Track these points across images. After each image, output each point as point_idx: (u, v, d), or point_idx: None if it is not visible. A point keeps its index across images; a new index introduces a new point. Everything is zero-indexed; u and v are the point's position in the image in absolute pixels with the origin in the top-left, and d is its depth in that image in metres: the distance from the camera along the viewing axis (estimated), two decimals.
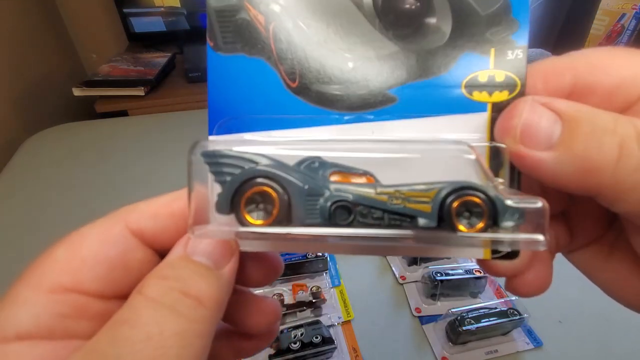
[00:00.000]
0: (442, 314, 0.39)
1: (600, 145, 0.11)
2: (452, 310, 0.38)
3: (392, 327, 0.39)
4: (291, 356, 0.35)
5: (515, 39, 0.13)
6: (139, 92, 0.96)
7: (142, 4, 1.17)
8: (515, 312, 0.37)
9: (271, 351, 0.35)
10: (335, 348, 0.36)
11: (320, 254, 0.43)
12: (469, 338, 0.37)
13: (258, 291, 0.42)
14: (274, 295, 0.40)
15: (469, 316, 0.37)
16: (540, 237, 0.12)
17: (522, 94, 0.13)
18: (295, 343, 0.35)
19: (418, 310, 0.41)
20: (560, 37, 1.95)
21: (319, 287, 0.41)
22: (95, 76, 0.97)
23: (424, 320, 0.40)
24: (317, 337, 0.36)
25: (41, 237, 0.51)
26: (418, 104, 0.14)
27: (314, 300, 0.40)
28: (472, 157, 0.13)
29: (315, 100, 0.14)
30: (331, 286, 0.43)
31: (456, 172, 0.13)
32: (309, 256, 0.43)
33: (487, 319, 0.36)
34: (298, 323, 0.38)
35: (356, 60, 0.14)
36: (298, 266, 0.42)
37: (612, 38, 1.70)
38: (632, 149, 0.11)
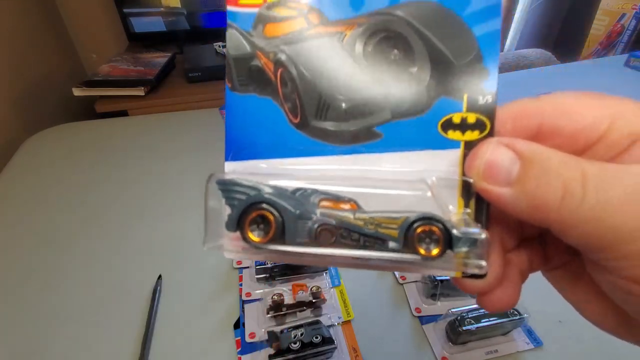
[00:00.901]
0: (442, 314, 0.39)
1: (548, 185, 0.13)
2: (452, 310, 0.38)
3: (392, 327, 0.39)
4: (291, 356, 0.35)
5: (485, 86, 0.15)
6: (139, 92, 0.96)
7: (142, 4, 1.17)
8: (515, 312, 0.37)
9: (271, 351, 0.35)
10: (335, 348, 0.36)
11: None
12: (469, 338, 0.37)
13: (258, 291, 0.42)
14: (274, 295, 0.40)
15: (469, 316, 0.37)
16: (483, 263, 0.14)
17: (491, 134, 0.15)
18: (295, 343, 0.35)
19: (418, 310, 0.41)
20: (560, 37, 1.95)
21: (319, 287, 0.41)
22: (95, 76, 0.97)
23: (424, 320, 0.40)
24: (317, 337, 0.36)
25: (41, 237, 0.52)
26: (400, 140, 0.16)
27: (314, 300, 0.40)
28: (429, 194, 0.15)
29: (314, 134, 0.16)
30: (331, 286, 0.43)
31: (426, 203, 0.15)
32: None
33: (487, 319, 0.36)
34: (298, 323, 0.38)
35: (348, 101, 0.16)
36: (298, 266, 0.42)
37: (612, 38, 1.70)
38: (575, 190, 0.12)
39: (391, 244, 0.15)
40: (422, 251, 0.15)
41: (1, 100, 0.85)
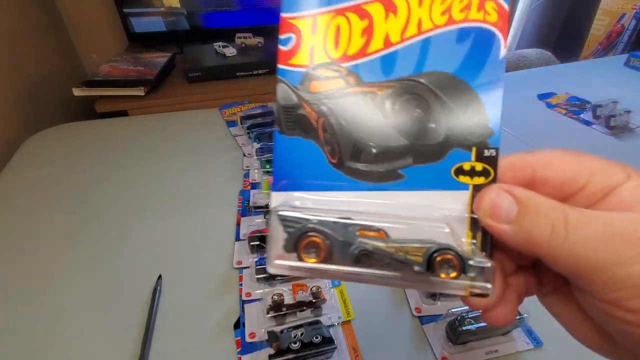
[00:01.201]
0: (442, 314, 0.39)
1: (539, 225, 0.16)
2: (452, 310, 0.38)
3: (392, 327, 0.39)
4: (291, 356, 0.35)
5: (490, 141, 0.19)
6: (139, 92, 0.96)
7: (142, 4, 1.17)
8: None
9: (271, 351, 0.35)
10: (335, 348, 0.36)
11: None
12: (469, 338, 0.37)
13: (258, 291, 0.42)
14: (274, 295, 0.40)
15: (469, 316, 0.37)
16: (489, 285, 0.18)
17: (494, 180, 0.19)
18: (295, 343, 0.35)
19: (418, 310, 0.41)
20: (560, 37, 1.96)
21: (319, 287, 0.41)
22: (95, 76, 0.97)
23: (424, 320, 0.40)
24: (317, 337, 0.36)
25: (41, 237, 0.52)
26: (420, 181, 0.19)
27: (314, 300, 0.40)
28: (447, 230, 0.19)
29: (349, 173, 0.19)
30: (331, 286, 0.43)
31: (444, 235, 0.19)
32: None
33: None
34: (298, 323, 0.38)
35: (377, 148, 0.19)
36: None
37: (612, 38, 1.70)
38: (560, 229, 0.16)
39: (416, 268, 0.18)
40: (442, 275, 0.18)
41: (1, 100, 0.85)
